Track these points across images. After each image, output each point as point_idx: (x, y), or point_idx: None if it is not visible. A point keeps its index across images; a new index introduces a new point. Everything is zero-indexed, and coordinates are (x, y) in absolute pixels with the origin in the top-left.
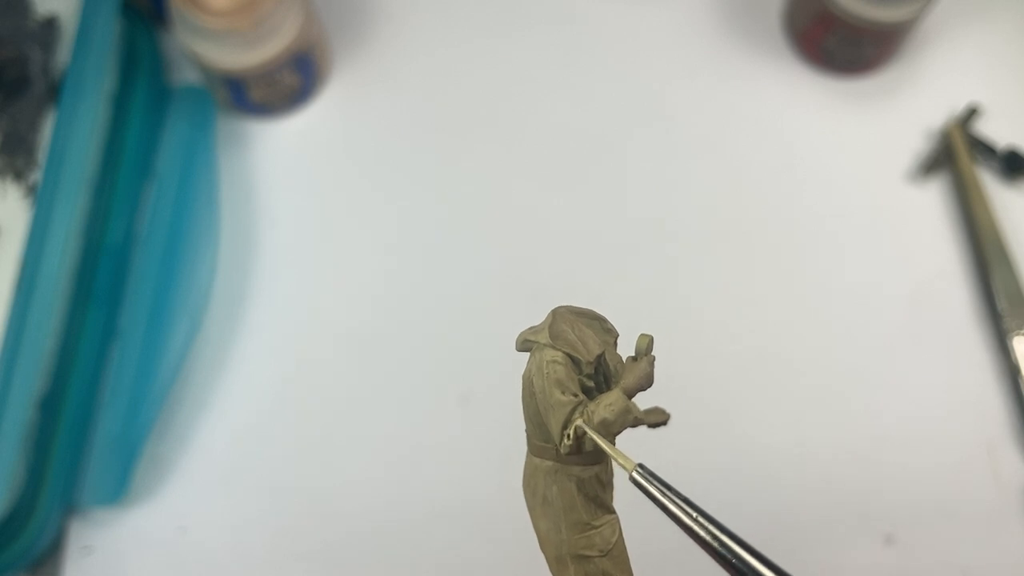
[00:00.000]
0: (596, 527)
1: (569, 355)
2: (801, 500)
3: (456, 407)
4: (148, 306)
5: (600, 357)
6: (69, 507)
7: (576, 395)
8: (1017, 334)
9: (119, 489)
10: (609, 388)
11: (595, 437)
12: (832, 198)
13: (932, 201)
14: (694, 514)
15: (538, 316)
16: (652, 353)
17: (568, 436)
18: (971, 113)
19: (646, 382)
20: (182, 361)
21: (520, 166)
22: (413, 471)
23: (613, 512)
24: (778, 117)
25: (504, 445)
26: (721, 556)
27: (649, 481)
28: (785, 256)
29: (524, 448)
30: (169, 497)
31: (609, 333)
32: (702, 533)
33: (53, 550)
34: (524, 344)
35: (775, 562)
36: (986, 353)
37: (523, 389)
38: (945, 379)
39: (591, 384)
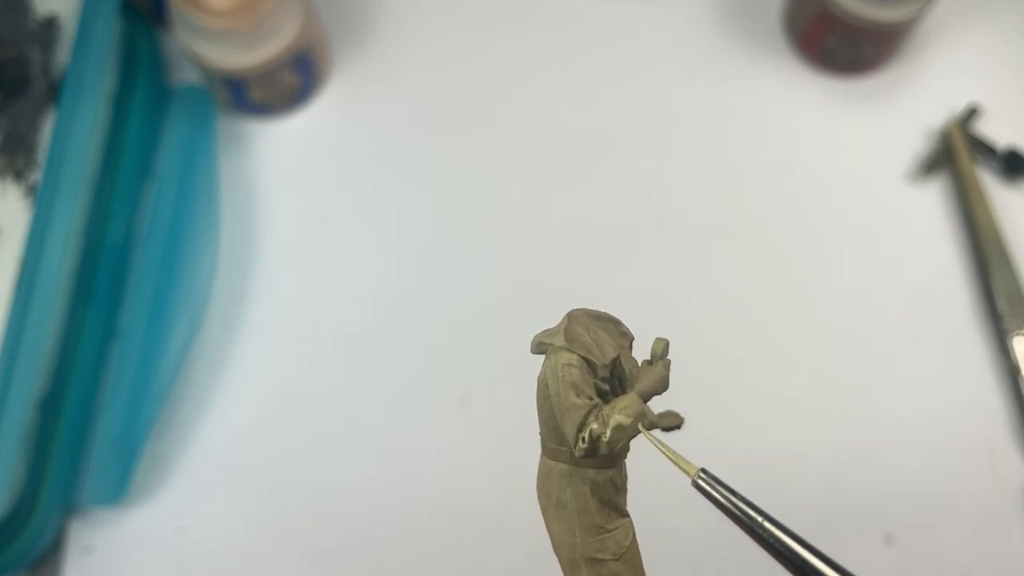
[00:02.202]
0: (610, 530)
1: (584, 358)
2: (801, 500)
3: (456, 407)
4: (148, 306)
5: (615, 361)
6: (69, 507)
7: (591, 398)
8: (1017, 334)
9: (119, 489)
10: (624, 392)
11: (653, 442)
12: (832, 198)
13: (932, 201)
14: (760, 519)
15: (538, 316)
16: (668, 357)
17: (583, 439)
18: (971, 113)
19: (661, 386)
20: (182, 361)
21: (520, 166)
22: (413, 471)
23: (627, 516)
24: (778, 117)
25: (504, 445)
26: (788, 560)
27: (712, 486)
28: (785, 256)
29: (525, 448)
30: (169, 497)
31: (624, 336)
32: (768, 538)
33: (53, 550)
34: (539, 346)
35: (843, 566)
36: (986, 353)
37: (538, 392)
38: (945, 379)
39: (606, 387)
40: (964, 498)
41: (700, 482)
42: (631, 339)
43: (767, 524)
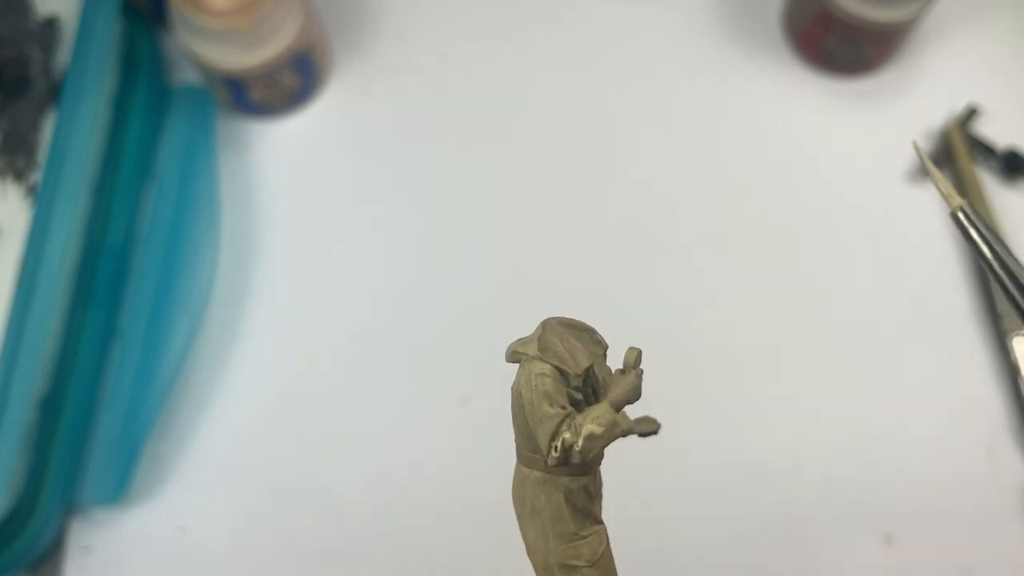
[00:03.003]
0: (583, 537)
1: (557, 368)
2: (801, 500)
3: (456, 408)
4: (148, 306)
5: (588, 370)
6: (69, 507)
7: (564, 408)
8: (1017, 334)
9: (119, 489)
10: (598, 400)
11: (928, 166)
12: (832, 198)
13: (932, 201)
14: (1011, 256)
15: (539, 318)
16: (640, 366)
17: (555, 448)
18: (971, 113)
19: (634, 395)
20: (182, 361)
21: (520, 167)
22: (413, 472)
23: (601, 523)
24: (778, 117)
25: (504, 446)
26: None
27: (971, 220)
28: (785, 256)
29: None
30: (169, 497)
31: (599, 345)
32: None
33: (53, 550)
34: (513, 356)
35: None
36: (986, 353)
37: (512, 401)
38: (945, 380)
39: (580, 396)
40: (964, 498)
41: (960, 214)
42: (605, 347)
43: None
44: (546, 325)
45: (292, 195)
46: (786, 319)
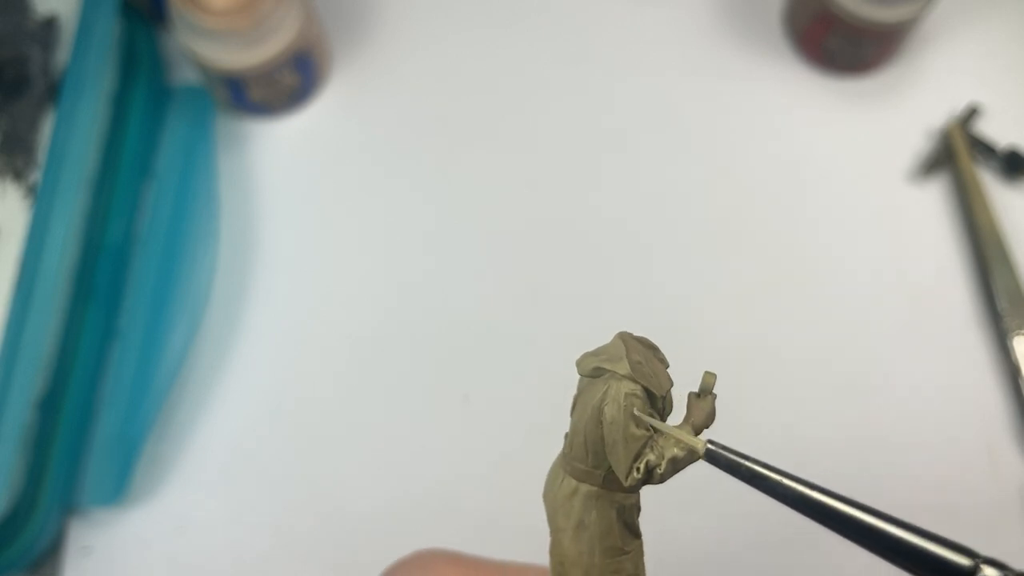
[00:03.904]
0: (627, 552)
1: (646, 389)
2: None
3: (457, 407)
4: (148, 306)
5: (668, 392)
6: (69, 507)
7: (647, 430)
8: (1017, 334)
9: (119, 489)
10: (663, 422)
11: (657, 425)
12: (832, 198)
13: (932, 201)
14: (776, 476)
15: (538, 317)
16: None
17: (638, 470)
18: (971, 113)
19: (711, 420)
20: (182, 361)
21: (520, 166)
22: (414, 471)
23: (640, 537)
24: (779, 117)
25: (505, 445)
26: (810, 507)
27: (723, 454)
28: (785, 256)
29: (525, 448)
30: (168, 497)
31: (663, 364)
32: (787, 493)
33: (53, 550)
34: (596, 371)
35: (859, 501)
36: (986, 353)
37: (582, 415)
38: (945, 379)
39: (657, 419)
40: (964, 498)
41: (711, 448)
42: (667, 366)
43: (784, 480)
44: (626, 341)
45: (291, 194)
46: (785, 319)
